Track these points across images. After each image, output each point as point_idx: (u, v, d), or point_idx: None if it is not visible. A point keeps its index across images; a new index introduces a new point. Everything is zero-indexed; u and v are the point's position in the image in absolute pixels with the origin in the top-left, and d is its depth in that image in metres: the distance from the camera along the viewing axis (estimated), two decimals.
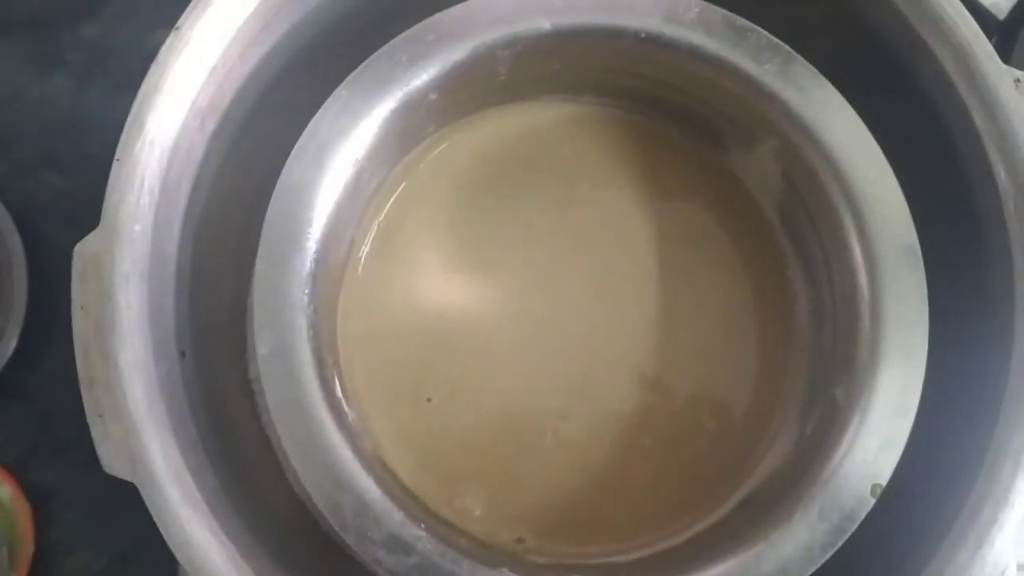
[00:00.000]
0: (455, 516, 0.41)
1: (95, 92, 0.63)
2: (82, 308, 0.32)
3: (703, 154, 0.45)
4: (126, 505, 0.57)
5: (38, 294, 0.58)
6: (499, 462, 0.42)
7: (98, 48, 0.63)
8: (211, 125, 0.36)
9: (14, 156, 0.61)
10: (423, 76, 0.37)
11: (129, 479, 0.32)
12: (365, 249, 0.43)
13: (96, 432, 0.32)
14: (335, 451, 0.34)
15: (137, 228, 0.33)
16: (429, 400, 0.42)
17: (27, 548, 0.57)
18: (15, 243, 0.58)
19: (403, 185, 0.43)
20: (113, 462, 0.32)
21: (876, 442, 0.36)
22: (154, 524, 0.56)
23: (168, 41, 0.34)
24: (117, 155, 0.33)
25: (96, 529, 0.59)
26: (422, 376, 0.42)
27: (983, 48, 0.36)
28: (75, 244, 0.60)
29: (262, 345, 0.35)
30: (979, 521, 0.34)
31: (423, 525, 0.35)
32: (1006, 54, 0.50)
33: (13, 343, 0.57)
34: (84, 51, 0.63)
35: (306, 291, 0.36)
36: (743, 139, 0.42)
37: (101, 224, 0.33)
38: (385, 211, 0.43)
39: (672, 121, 0.44)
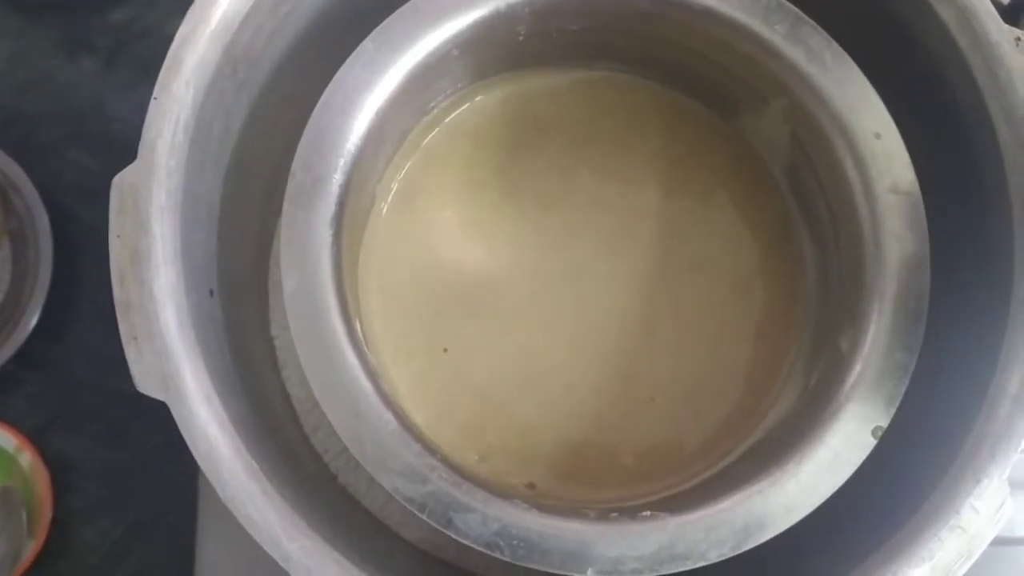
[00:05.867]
0: (468, 463, 0.42)
1: (121, 75, 0.65)
2: (119, 237, 0.34)
3: (713, 119, 0.46)
4: (143, 476, 0.60)
5: (63, 268, 0.60)
6: (512, 412, 0.43)
7: (125, 33, 0.65)
8: (243, 73, 0.38)
9: (42, 136, 0.63)
10: (446, 31, 0.39)
11: (160, 397, 0.33)
12: (385, 206, 0.44)
13: (130, 354, 0.33)
14: (356, 384, 0.36)
15: (173, 163, 0.35)
16: (445, 351, 0.43)
17: (45, 515, 0.58)
18: (42, 219, 0.60)
19: (423, 143, 0.45)
20: (145, 382, 0.33)
21: (878, 385, 0.37)
22: (170, 495, 0.58)
23: None
24: (155, 94, 0.35)
25: (113, 499, 0.60)
26: (438, 328, 0.44)
27: (985, 7, 0.37)
28: (100, 220, 0.62)
29: (288, 282, 0.36)
30: (977, 458, 0.35)
31: (439, 456, 0.36)
32: None
33: (37, 315, 0.59)
34: (111, 36, 0.65)
35: (331, 232, 0.37)
36: (753, 101, 0.43)
37: (138, 158, 0.34)
38: (405, 169, 0.45)
39: (684, 87, 0.46)
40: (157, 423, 0.54)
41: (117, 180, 0.34)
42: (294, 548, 0.33)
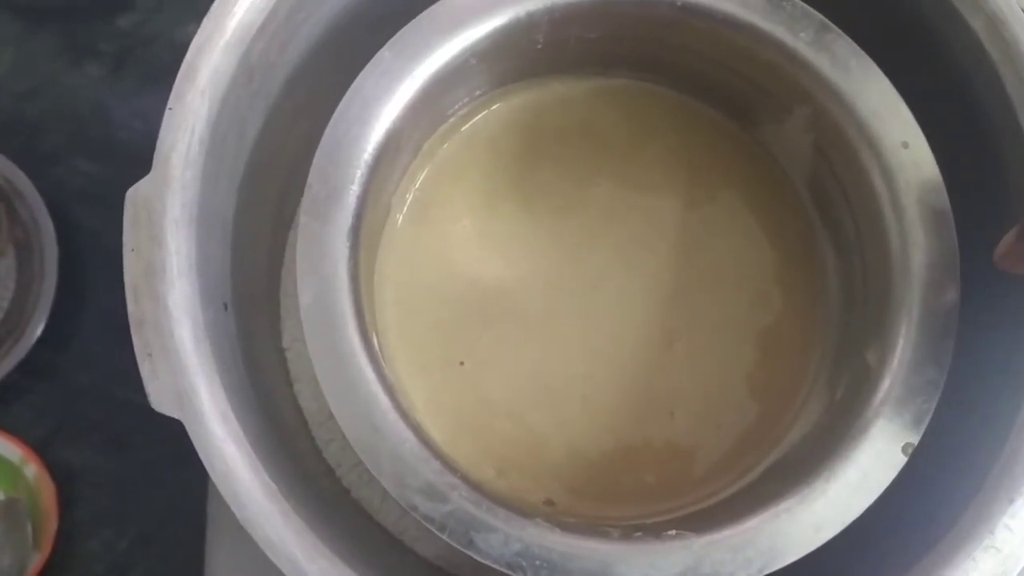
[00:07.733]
0: (485, 479, 0.41)
1: (127, 82, 0.64)
2: (133, 251, 0.33)
3: (734, 128, 0.45)
4: (148, 486, 0.59)
5: (68, 276, 0.59)
6: (529, 426, 0.42)
7: (131, 39, 0.64)
8: (257, 82, 0.37)
9: (47, 143, 0.63)
10: (464, 40, 0.38)
11: (176, 416, 0.32)
12: (400, 217, 0.44)
13: (144, 371, 0.32)
14: (374, 399, 0.35)
15: (188, 175, 0.34)
16: (461, 364, 0.43)
17: (51, 527, 0.57)
18: (47, 227, 0.59)
19: (438, 153, 0.44)
20: (160, 399, 0.32)
21: (907, 402, 0.36)
22: (176, 506, 0.58)
23: None
24: (170, 104, 0.34)
25: (119, 510, 0.59)
26: (455, 341, 0.43)
27: (1016, 17, 0.37)
28: (104, 228, 0.61)
29: (304, 295, 0.36)
30: (1011, 476, 0.34)
31: (459, 474, 0.35)
32: None
33: (42, 324, 0.58)
34: (117, 42, 0.64)
35: (347, 244, 0.36)
36: (775, 110, 0.43)
37: (153, 170, 0.34)
38: (421, 179, 0.44)
39: (704, 95, 0.45)
40: (162, 433, 0.52)
41: (131, 193, 0.33)
42: (313, 570, 0.32)
